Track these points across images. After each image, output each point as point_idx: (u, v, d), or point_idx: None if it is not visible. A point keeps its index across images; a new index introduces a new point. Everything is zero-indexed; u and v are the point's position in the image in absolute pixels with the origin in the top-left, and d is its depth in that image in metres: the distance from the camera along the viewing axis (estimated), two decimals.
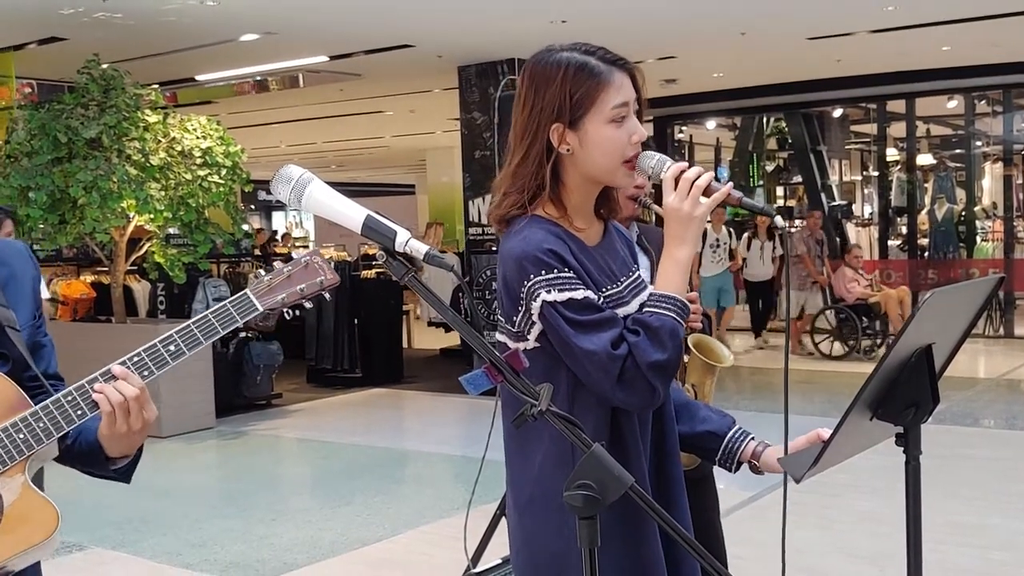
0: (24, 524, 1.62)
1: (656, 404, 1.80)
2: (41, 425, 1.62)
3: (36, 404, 1.66)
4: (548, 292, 1.76)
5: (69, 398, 1.63)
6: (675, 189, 1.81)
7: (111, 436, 1.66)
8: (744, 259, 12.00)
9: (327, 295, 1.75)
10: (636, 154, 1.84)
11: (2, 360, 1.67)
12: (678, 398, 2.04)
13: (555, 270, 1.77)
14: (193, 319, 1.68)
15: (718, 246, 11.64)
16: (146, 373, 1.66)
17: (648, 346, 1.74)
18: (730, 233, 12.01)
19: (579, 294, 1.77)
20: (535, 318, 1.79)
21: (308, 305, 1.73)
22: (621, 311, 1.84)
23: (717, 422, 2.03)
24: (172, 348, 1.66)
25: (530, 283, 1.77)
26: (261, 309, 1.68)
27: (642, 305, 1.87)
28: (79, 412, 1.63)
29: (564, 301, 1.76)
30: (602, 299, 1.82)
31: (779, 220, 1.80)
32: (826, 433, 1.86)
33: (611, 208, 1.97)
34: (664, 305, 1.79)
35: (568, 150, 1.84)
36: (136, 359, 1.66)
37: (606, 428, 1.82)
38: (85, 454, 1.73)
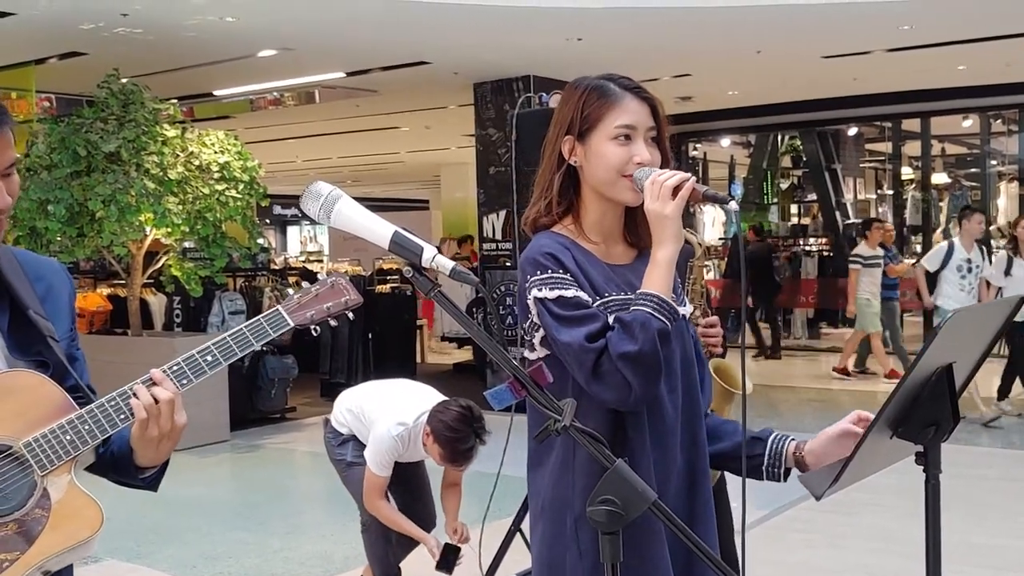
0: (70, 521, 1.68)
1: (633, 401, 1.83)
2: (87, 427, 1.68)
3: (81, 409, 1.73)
4: (540, 290, 1.88)
5: (112, 403, 1.70)
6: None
7: (141, 440, 1.72)
8: (1000, 289, 8.56)
9: (350, 314, 1.83)
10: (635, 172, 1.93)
11: (43, 367, 1.74)
12: (713, 420, 2.07)
13: (549, 270, 1.89)
14: (228, 332, 1.77)
15: (968, 271, 8.54)
16: (184, 381, 1.74)
17: (619, 338, 1.81)
18: (983, 253, 8.86)
19: (569, 292, 1.87)
20: (535, 318, 1.90)
21: (333, 323, 1.82)
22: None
23: (757, 430, 2.05)
24: (209, 358, 1.75)
25: (528, 283, 1.90)
26: (292, 324, 1.78)
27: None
28: (122, 416, 1.70)
29: (554, 298, 1.86)
30: (600, 302, 1.90)
31: (733, 205, 1.86)
32: (865, 415, 1.90)
33: (639, 236, 2.03)
34: (640, 301, 1.85)
35: (576, 162, 1.97)
36: (175, 368, 1.74)
37: (608, 436, 1.82)
38: (117, 461, 1.79)
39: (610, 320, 1.87)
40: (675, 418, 1.93)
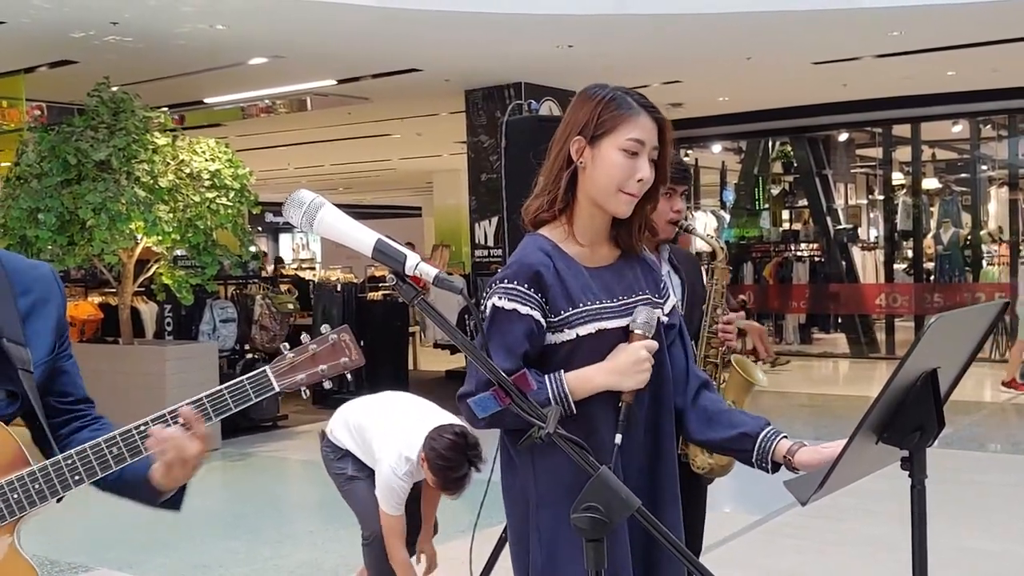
0: None
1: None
2: (36, 487, 1.58)
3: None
4: (500, 298, 1.98)
5: (69, 461, 1.59)
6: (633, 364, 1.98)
7: (165, 478, 1.64)
8: None
9: (349, 376, 1.74)
10: (635, 190, 2.02)
11: (11, 399, 1.65)
12: (714, 406, 2.15)
13: (516, 282, 1.98)
14: (206, 393, 1.66)
15: None
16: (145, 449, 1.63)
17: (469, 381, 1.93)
18: None
19: (524, 309, 1.97)
20: (486, 313, 2.00)
21: (328, 385, 1.72)
22: (603, 324, 2.02)
23: (751, 424, 2.10)
24: (115, 451, 1.62)
25: (493, 287, 2.00)
26: (278, 389, 1.68)
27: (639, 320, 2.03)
28: (76, 478, 1.59)
29: (509, 309, 1.97)
30: (573, 312, 2.00)
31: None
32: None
33: (628, 240, 2.13)
34: (547, 386, 1.95)
35: (582, 163, 2.04)
36: (142, 428, 1.63)
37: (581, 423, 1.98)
38: (132, 487, 1.70)
39: (573, 334, 1.99)
40: (640, 411, 2.06)
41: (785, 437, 2.07)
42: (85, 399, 1.80)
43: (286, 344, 1.72)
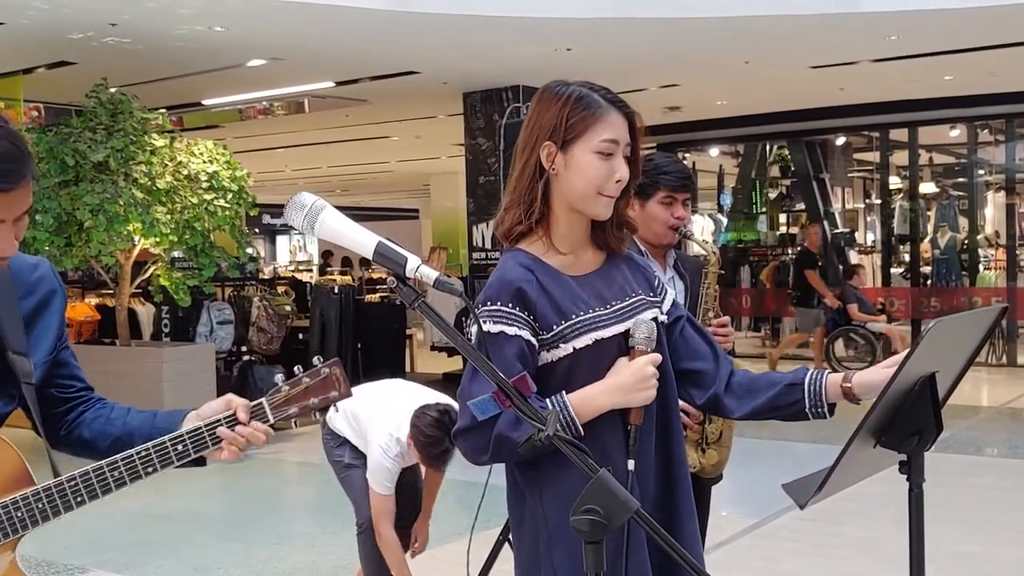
0: None
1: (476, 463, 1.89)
2: (40, 506, 1.60)
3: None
4: (486, 322, 1.88)
5: (72, 483, 1.62)
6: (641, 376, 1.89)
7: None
8: None
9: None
10: (614, 191, 1.94)
11: (8, 399, 1.69)
12: (746, 378, 2.06)
13: (499, 303, 1.89)
14: (205, 421, 1.72)
15: None
16: (150, 469, 1.70)
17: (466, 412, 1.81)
18: None
19: (511, 330, 1.88)
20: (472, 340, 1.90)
21: (317, 417, 1.81)
22: (600, 333, 1.92)
23: (791, 375, 2.02)
24: (180, 448, 1.72)
25: (480, 311, 1.90)
26: (272, 420, 1.76)
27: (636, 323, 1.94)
28: (79, 499, 1.62)
29: (496, 332, 1.87)
30: (565, 325, 1.91)
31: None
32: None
33: (608, 241, 2.04)
34: (551, 408, 1.84)
35: (554, 170, 1.94)
36: (143, 455, 1.69)
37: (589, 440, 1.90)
38: None
39: (570, 348, 1.90)
40: (651, 422, 1.97)
41: (830, 373, 1.98)
42: (86, 387, 1.87)
43: (280, 376, 1.79)
